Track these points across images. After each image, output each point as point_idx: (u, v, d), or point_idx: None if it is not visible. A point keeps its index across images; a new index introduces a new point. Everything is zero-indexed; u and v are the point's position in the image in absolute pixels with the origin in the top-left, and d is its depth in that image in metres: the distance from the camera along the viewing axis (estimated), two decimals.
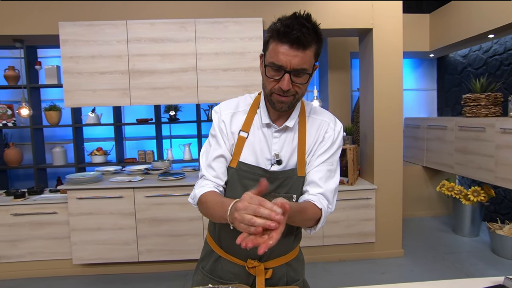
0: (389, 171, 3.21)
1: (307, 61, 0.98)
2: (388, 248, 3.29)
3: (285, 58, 0.96)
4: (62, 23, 2.92)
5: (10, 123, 4.14)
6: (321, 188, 1.09)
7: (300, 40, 0.94)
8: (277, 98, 1.03)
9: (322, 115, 1.18)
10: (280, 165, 1.10)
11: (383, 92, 3.15)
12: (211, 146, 1.14)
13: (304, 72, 0.98)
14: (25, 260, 3.12)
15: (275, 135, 1.11)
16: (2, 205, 3.08)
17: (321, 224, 1.08)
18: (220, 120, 1.14)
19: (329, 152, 1.13)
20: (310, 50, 0.98)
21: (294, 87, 1.01)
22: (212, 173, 1.11)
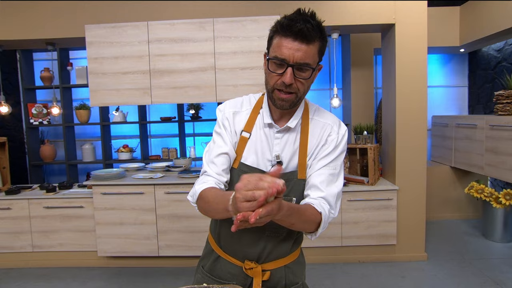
0: (411, 172, 3.10)
1: (311, 56, 0.97)
2: (410, 251, 3.18)
3: (288, 51, 0.95)
4: (88, 26, 3.05)
5: (45, 121, 4.40)
6: (323, 192, 1.05)
7: (303, 33, 0.93)
8: (279, 95, 1.02)
9: (326, 117, 1.15)
10: (281, 166, 1.09)
11: (406, 90, 3.04)
12: (215, 143, 1.13)
13: (307, 67, 0.97)
14: (56, 250, 3.31)
15: (277, 135, 1.10)
16: (35, 198, 3.28)
17: (321, 229, 1.05)
18: (224, 118, 1.14)
19: (331, 156, 1.10)
20: (314, 45, 0.97)
21: (296, 82, 0.99)
22: (214, 169, 1.09)
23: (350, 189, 3.10)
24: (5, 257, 3.35)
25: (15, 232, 3.30)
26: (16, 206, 3.28)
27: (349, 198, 3.10)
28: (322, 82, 4.52)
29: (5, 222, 3.30)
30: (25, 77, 4.37)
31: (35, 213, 3.27)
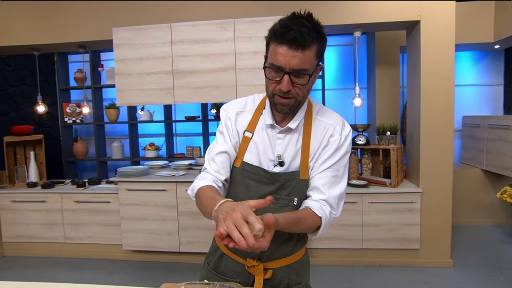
0: (437, 174, 2.98)
1: (307, 61, 0.96)
2: (434, 257, 3.06)
3: (283, 59, 0.95)
4: (115, 28, 3.19)
5: (78, 120, 4.64)
6: (324, 194, 1.06)
7: (297, 40, 0.92)
8: (279, 100, 1.03)
9: (329, 117, 1.14)
10: (282, 166, 1.10)
11: (431, 89, 2.92)
12: (217, 142, 1.16)
13: (304, 73, 0.97)
14: (85, 242, 3.49)
15: (279, 136, 1.11)
16: (67, 192, 3.48)
17: (321, 231, 1.06)
18: (227, 118, 1.16)
19: (334, 158, 1.09)
20: (310, 50, 0.95)
21: (294, 88, 0.99)
22: (214, 167, 1.12)
23: (372, 190, 3.03)
24: (41, 246, 3.58)
25: (49, 223, 3.52)
26: (51, 199, 3.50)
27: (371, 200, 3.03)
28: (345, 81, 4.44)
29: (40, 214, 3.52)
30: (61, 78, 4.63)
31: (67, 206, 3.47)
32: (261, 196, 1.08)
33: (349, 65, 4.40)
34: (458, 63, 4.43)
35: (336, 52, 4.47)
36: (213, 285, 1.00)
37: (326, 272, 3.07)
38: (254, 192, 1.10)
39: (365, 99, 4.39)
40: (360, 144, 3.23)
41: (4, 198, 3.56)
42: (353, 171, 3.32)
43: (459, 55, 4.42)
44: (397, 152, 3.04)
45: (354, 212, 3.07)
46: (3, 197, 3.56)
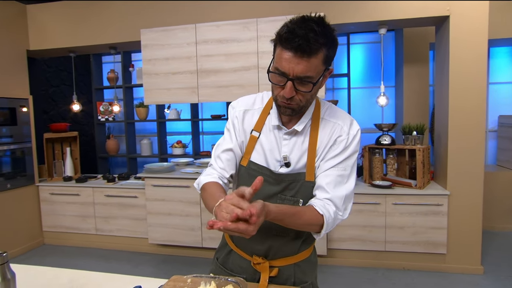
0: (465, 176, 2.84)
1: (312, 69, 0.93)
2: (463, 263, 2.92)
3: (288, 65, 0.92)
4: (143, 30, 3.32)
5: (110, 118, 4.86)
6: (328, 193, 1.04)
7: (302, 48, 0.89)
8: (283, 105, 1.02)
9: (337, 117, 1.11)
10: (289, 167, 1.09)
11: (461, 87, 2.78)
12: (224, 139, 1.18)
13: (308, 81, 0.94)
14: (114, 234, 3.67)
15: (285, 137, 1.10)
16: (98, 187, 3.67)
17: (325, 230, 1.04)
18: (234, 116, 1.17)
19: (341, 157, 1.07)
20: (317, 57, 0.92)
21: (298, 95, 0.98)
22: (219, 164, 1.15)
23: (396, 192, 2.95)
24: (75, 237, 3.81)
25: (83, 215, 3.74)
26: (84, 193, 3.71)
27: (394, 202, 2.95)
28: (372, 79, 4.33)
29: (75, 206, 3.75)
30: (95, 78, 4.88)
31: (98, 200, 3.66)
32: (266, 195, 1.10)
33: (377, 63, 4.28)
34: (494, 59, 4.19)
35: (363, 49, 4.37)
36: (218, 278, 1.04)
37: (348, 273, 3.02)
38: (260, 191, 1.11)
39: (393, 98, 4.26)
40: (385, 144, 3.15)
41: (44, 190, 3.83)
42: (378, 172, 3.24)
43: (496, 51, 4.17)
44: (423, 152, 2.93)
45: (377, 213, 3.00)
46: (43, 189, 3.83)
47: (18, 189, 3.64)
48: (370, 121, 4.02)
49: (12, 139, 3.57)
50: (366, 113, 4.33)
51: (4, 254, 0.95)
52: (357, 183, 3.25)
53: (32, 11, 3.73)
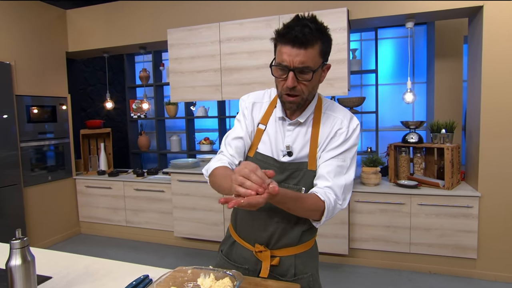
0: (498, 177, 2.67)
1: (310, 59, 1.01)
2: (495, 269, 2.76)
3: (287, 57, 1.01)
4: (169, 30, 3.43)
5: (142, 115, 5.07)
6: (329, 181, 1.09)
7: (299, 39, 0.98)
8: (286, 99, 1.09)
9: (338, 112, 1.18)
10: (291, 156, 1.15)
11: (494, 83, 2.61)
12: (235, 129, 1.25)
13: (307, 70, 1.02)
14: (142, 227, 3.85)
15: (289, 128, 1.17)
16: (129, 181, 3.86)
17: (325, 218, 1.08)
18: (244, 107, 1.25)
19: (340, 148, 1.12)
20: (313, 48, 1.01)
21: (300, 85, 1.05)
22: (230, 151, 1.21)
23: (422, 192, 2.84)
24: (106, 228, 4.03)
25: (114, 208, 3.95)
26: (115, 186, 3.91)
27: (420, 202, 2.84)
28: (402, 76, 4.17)
29: (107, 199, 3.97)
30: (128, 77, 5.11)
31: (128, 193, 3.85)
32: None
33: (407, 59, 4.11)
34: None
35: (392, 45, 4.22)
36: (217, 271, 1.07)
37: (370, 274, 2.96)
38: None
39: (424, 95, 4.08)
40: (411, 142, 3.03)
41: (80, 183, 4.08)
42: (404, 171, 3.13)
43: None
44: (452, 151, 2.79)
45: (401, 214, 2.90)
46: (79, 182, 4.09)
47: (58, 181, 3.91)
48: (400, 119, 3.89)
49: (53, 135, 3.84)
50: (396, 110, 4.18)
51: (25, 239, 1.04)
52: (382, 182, 3.16)
53: (71, 15, 3.98)
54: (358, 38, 4.29)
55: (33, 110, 3.58)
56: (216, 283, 1.04)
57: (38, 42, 3.66)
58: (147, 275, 1.23)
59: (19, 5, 3.44)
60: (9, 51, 3.35)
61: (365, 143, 4.40)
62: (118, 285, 1.16)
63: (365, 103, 4.00)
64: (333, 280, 2.89)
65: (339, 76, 2.93)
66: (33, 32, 3.60)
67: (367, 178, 3.06)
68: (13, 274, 1.02)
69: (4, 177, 3.26)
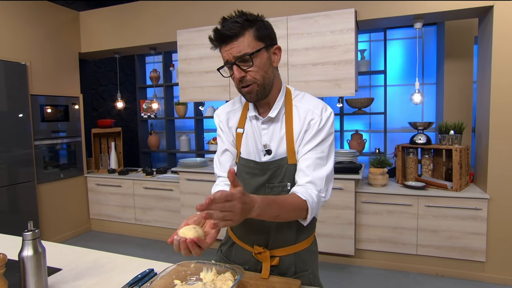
0: (509, 180, 2.63)
1: (244, 47, 1.03)
2: (504, 273, 2.72)
3: (226, 54, 1.06)
4: (179, 31, 3.48)
5: (152, 115, 5.15)
6: (308, 176, 1.08)
7: (227, 35, 1.02)
8: (244, 91, 1.10)
9: (308, 103, 1.16)
10: (270, 154, 1.15)
11: (504, 84, 2.58)
12: (218, 146, 1.28)
13: (245, 56, 1.03)
14: (151, 225, 3.91)
15: (263, 126, 1.16)
16: (138, 179, 3.93)
17: (310, 214, 1.05)
18: (219, 121, 1.27)
19: (316, 140, 1.11)
20: (244, 36, 1.03)
21: (248, 74, 1.06)
22: (221, 168, 1.25)
23: (430, 193, 2.82)
24: (116, 225, 4.11)
25: (124, 205, 4.02)
26: (125, 184, 3.99)
27: (427, 204, 2.82)
28: (411, 76, 4.14)
29: (117, 197, 4.04)
30: (139, 77, 5.20)
31: (137, 192, 3.92)
32: (255, 187, 1.16)
33: (412, 59, 4.09)
34: None
35: (402, 45, 4.19)
36: (219, 266, 1.10)
37: (376, 275, 2.95)
38: (248, 184, 1.17)
39: (434, 96, 4.05)
40: (419, 144, 3.01)
41: (91, 181, 4.17)
42: (411, 172, 3.11)
43: None
44: (460, 153, 2.77)
45: (408, 215, 2.89)
46: (90, 180, 4.17)
47: (70, 179, 4.00)
48: (409, 120, 3.86)
49: (65, 134, 3.93)
50: (405, 111, 4.16)
51: (36, 231, 1.09)
52: (389, 184, 3.15)
53: (84, 17, 4.07)
54: (367, 39, 4.28)
55: (47, 110, 3.67)
56: (217, 277, 1.07)
57: (52, 44, 3.76)
58: (152, 269, 1.27)
59: (35, 6, 3.55)
60: (25, 52, 3.46)
61: (374, 144, 4.38)
62: (124, 278, 1.20)
63: (374, 104, 3.99)
64: (338, 280, 2.89)
65: (346, 76, 2.94)
66: (47, 34, 3.70)
67: (374, 179, 3.06)
68: (25, 264, 1.06)
69: (18, 175, 3.36)
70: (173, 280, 1.06)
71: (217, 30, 1.04)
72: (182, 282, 1.06)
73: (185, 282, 1.07)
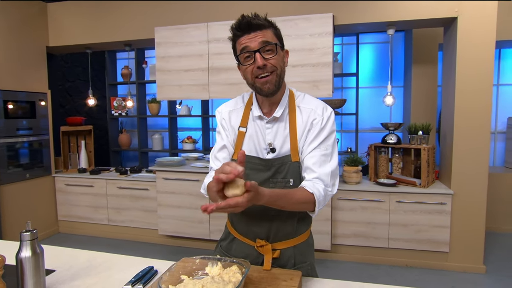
0: (470, 176, 2.88)
1: (269, 37, 1.11)
2: (465, 261, 2.96)
3: (249, 42, 1.10)
4: (157, 28, 3.43)
5: (123, 112, 5.00)
6: (315, 172, 1.15)
7: (252, 24, 1.09)
8: (260, 81, 1.12)
9: (310, 103, 1.23)
10: (274, 152, 1.21)
11: (467, 88, 2.82)
12: (217, 142, 1.31)
13: (269, 44, 1.10)
14: (125, 225, 3.81)
15: (267, 126, 1.22)
16: (112, 179, 3.81)
17: (318, 207, 1.12)
18: (221, 118, 1.30)
19: (320, 138, 1.18)
20: (267, 31, 1.12)
21: (269, 61, 1.11)
22: (217, 163, 1.27)
23: (400, 190, 3.00)
24: (87, 226, 3.96)
25: (96, 206, 3.89)
26: (97, 184, 3.85)
27: (398, 200, 3.00)
28: (381, 79, 4.37)
29: (88, 197, 3.90)
30: (110, 74, 5.03)
31: (111, 191, 3.80)
32: (259, 182, 1.19)
33: (386, 63, 4.32)
34: (504, 61, 4.18)
35: (372, 50, 4.41)
36: (224, 260, 1.13)
37: (351, 268, 3.09)
38: (253, 179, 1.21)
39: (401, 98, 4.29)
40: (390, 143, 3.20)
41: (60, 181, 3.99)
42: (383, 170, 3.30)
43: (506, 53, 4.16)
44: (428, 152, 2.98)
45: (381, 211, 3.06)
46: (59, 180, 3.99)
47: (36, 179, 3.80)
48: (378, 120, 4.07)
49: (31, 131, 3.73)
50: (374, 112, 4.37)
51: (34, 231, 1.06)
52: (362, 181, 3.31)
53: (52, 9, 3.88)
54: (339, 42, 4.45)
55: (10, 106, 3.46)
56: (224, 270, 1.09)
57: (16, 36, 3.54)
58: (152, 267, 1.28)
59: None
60: None
61: (345, 144, 4.57)
62: (124, 276, 1.20)
63: (345, 105, 4.16)
64: None
65: (324, 78, 3.05)
66: (10, 26, 3.48)
67: (348, 176, 3.20)
68: (24, 265, 1.03)
69: None
70: (179, 276, 1.08)
71: (245, 19, 1.09)
72: (189, 277, 1.08)
73: (191, 277, 1.09)
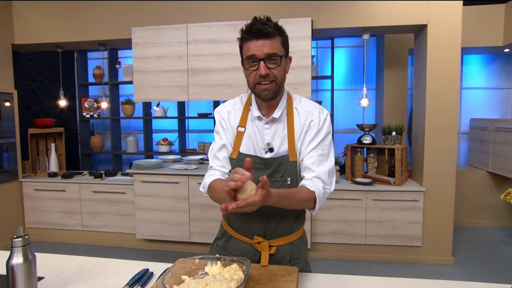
0: (440, 174, 3.06)
1: (276, 47, 1.14)
2: (435, 254, 3.14)
3: (256, 49, 1.12)
4: (134, 28, 3.37)
5: (95, 114, 4.84)
6: (314, 172, 1.20)
7: (262, 31, 1.11)
8: (261, 88, 1.17)
9: (307, 106, 1.28)
10: (272, 152, 1.25)
11: (437, 91, 3.00)
12: (216, 141, 1.33)
13: (275, 56, 1.14)
14: (101, 230, 3.69)
15: (266, 126, 1.26)
16: (85, 183, 3.68)
17: (319, 204, 1.18)
18: (220, 118, 1.32)
19: (317, 139, 1.23)
20: (276, 39, 1.14)
21: (272, 71, 1.15)
22: (218, 163, 1.29)
23: (376, 188, 3.13)
24: (58, 233, 3.79)
25: (68, 211, 3.73)
26: (70, 189, 3.70)
27: (374, 197, 3.13)
28: (355, 82, 4.53)
29: (60, 202, 3.74)
30: (80, 74, 4.84)
31: (84, 196, 3.67)
32: (257, 181, 1.22)
33: (359, 66, 4.49)
34: (468, 66, 4.48)
35: (346, 53, 4.56)
36: (223, 259, 1.14)
37: (329, 266, 3.18)
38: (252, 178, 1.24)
39: (374, 100, 4.47)
40: (366, 144, 3.33)
41: (27, 186, 3.79)
42: (359, 169, 3.42)
43: (469, 58, 4.46)
44: (401, 152, 3.13)
45: (358, 209, 3.17)
46: (27, 185, 3.79)
47: (1, 184, 3.59)
48: (353, 122, 4.22)
49: None
50: (349, 114, 4.52)
51: (26, 237, 1.02)
52: (340, 180, 3.42)
53: (18, 6, 3.69)
54: (315, 46, 4.56)
55: None
56: (224, 269, 1.11)
57: None
58: (147, 269, 1.26)
59: None
60: None
61: None
62: (118, 280, 1.18)
63: None
64: None
65: (303, 81, 3.13)
66: None
67: None
68: (15, 272, 0.99)
69: None
70: (180, 276, 1.08)
71: (255, 24, 1.11)
72: (189, 277, 1.08)
73: (192, 277, 1.09)
